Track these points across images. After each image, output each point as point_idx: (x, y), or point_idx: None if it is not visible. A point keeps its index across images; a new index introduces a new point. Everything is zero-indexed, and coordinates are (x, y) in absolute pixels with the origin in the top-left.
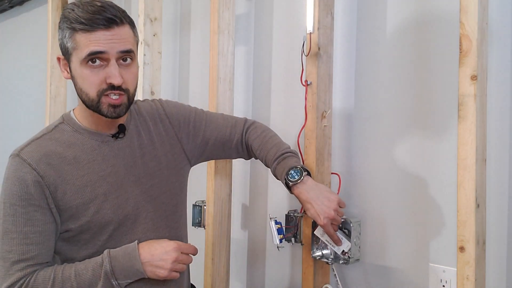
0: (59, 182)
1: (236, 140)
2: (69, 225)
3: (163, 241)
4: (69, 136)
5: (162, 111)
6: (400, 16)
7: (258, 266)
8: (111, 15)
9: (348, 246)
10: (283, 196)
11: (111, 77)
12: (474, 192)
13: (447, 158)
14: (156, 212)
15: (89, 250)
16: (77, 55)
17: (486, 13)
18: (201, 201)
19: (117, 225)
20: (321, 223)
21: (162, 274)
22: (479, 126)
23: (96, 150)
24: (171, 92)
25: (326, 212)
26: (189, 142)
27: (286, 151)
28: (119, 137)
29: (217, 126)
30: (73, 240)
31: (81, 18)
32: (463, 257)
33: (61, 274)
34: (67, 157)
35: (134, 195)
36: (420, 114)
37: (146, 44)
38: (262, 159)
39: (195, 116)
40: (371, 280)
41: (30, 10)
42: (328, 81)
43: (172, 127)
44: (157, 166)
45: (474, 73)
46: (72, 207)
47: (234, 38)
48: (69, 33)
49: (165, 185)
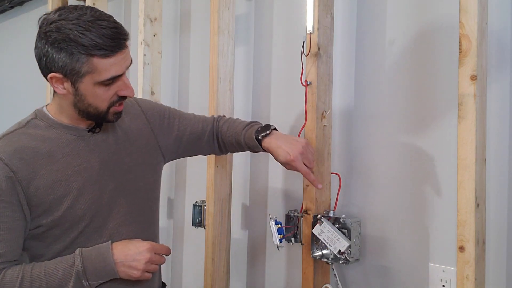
0: (32, 177)
1: (208, 133)
2: (40, 220)
3: (137, 241)
4: (43, 131)
5: (137, 107)
6: (400, 15)
7: (258, 266)
8: (124, 35)
9: (345, 245)
10: (283, 196)
11: (124, 90)
12: (474, 192)
13: (447, 158)
14: (130, 207)
15: (59, 247)
16: (92, 78)
17: (485, 13)
18: (201, 201)
19: (89, 221)
20: (291, 158)
21: (135, 274)
22: (479, 126)
23: (71, 145)
24: (171, 92)
25: (295, 149)
26: (164, 138)
27: (253, 122)
28: (95, 131)
29: (190, 122)
30: (43, 236)
31: (100, 45)
32: (463, 257)
33: (30, 273)
34: (41, 151)
35: (108, 190)
36: (420, 114)
37: (146, 44)
38: (231, 137)
39: (169, 113)
40: (371, 280)
41: (30, 10)
42: (328, 81)
43: (148, 123)
44: (132, 161)
45: (473, 73)
46: (45, 202)
47: (234, 38)
48: (83, 57)
49: (140, 180)
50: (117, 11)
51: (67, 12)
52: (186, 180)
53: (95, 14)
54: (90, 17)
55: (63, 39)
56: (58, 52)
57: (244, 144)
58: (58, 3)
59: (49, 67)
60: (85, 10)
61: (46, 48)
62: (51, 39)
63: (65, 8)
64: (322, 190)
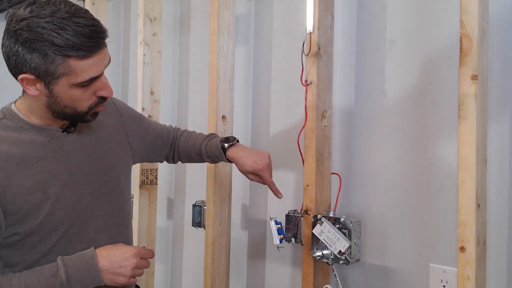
0: (7, 183)
1: (170, 140)
2: (17, 228)
3: (121, 246)
4: (14, 133)
5: (112, 105)
6: (400, 15)
7: (258, 266)
8: (103, 33)
9: (345, 246)
10: (283, 196)
11: (103, 90)
12: (475, 192)
13: (448, 158)
14: (108, 210)
15: (37, 254)
16: (69, 79)
17: (486, 13)
18: (201, 201)
19: (68, 226)
20: (259, 167)
21: (122, 281)
22: (480, 126)
23: (46, 147)
24: (171, 92)
25: (263, 160)
26: (134, 139)
27: (214, 134)
28: (70, 131)
29: (156, 127)
30: (19, 244)
31: (77, 45)
32: (464, 257)
33: (9, 286)
34: (14, 156)
35: (86, 194)
36: (421, 113)
37: (146, 44)
38: (189, 146)
39: (139, 116)
40: (372, 280)
41: None
42: (328, 80)
43: (122, 122)
44: (109, 162)
45: (474, 72)
46: (22, 209)
47: (234, 38)
48: (59, 58)
49: (116, 182)
50: (117, 11)
51: (39, 8)
52: (186, 180)
53: (70, 9)
54: (65, 14)
55: (36, 39)
56: (30, 53)
57: (204, 154)
58: None
59: (19, 68)
60: (59, 5)
61: (16, 48)
62: (22, 38)
63: (36, 2)
64: (322, 190)
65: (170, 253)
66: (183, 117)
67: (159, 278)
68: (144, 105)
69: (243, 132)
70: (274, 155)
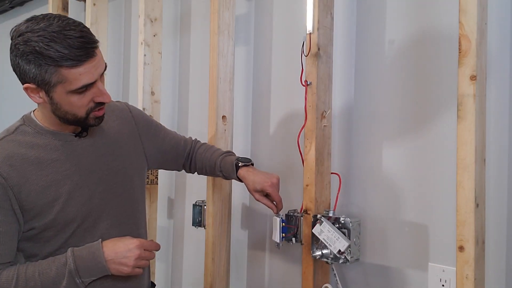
0: (22, 182)
1: (187, 151)
2: (33, 223)
3: (126, 238)
4: (31, 137)
5: (128, 112)
6: (399, 16)
7: (258, 266)
8: (93, 44)
9: (345, 245)
10: (283, 196)
11: (100, 96)
12: (474, 192)
13: (447, 158)
14: (119, 209)
15: (53, 247)
16: (64, 87)
17: (485, 13)
18: (201, 201)
19: (80, 222)
20: (268, 184)
21: (126, 271)
22: (479, 126)
23: (59, 150)
24: (171, 92)
25: (271, 178)
26: (149, 146)
27: (231, 152)
28: (82, 136)
29: (174, 137)
30: (36, 238)
31: (66, 56)
32: (463, 257)
33: (25, 273)
34: (30, 158)
35: (97, 193)
36: (420, 114)
37: (146, 44)
38: (205, 159)
39: (156, 124)
40: (371, 279)
41: (31, 10)
42: (328, 81)
43: (137, 129)
44: (121, 164)
45: (473, 73)
46: (37, 206)
47: (234, 39)
48: (51, 68)
49: (128, 183)
50: (117, 11)
51: (34, 23)
52: (186, 180)
53: (62, 24)
54: (57, 27)
55: (30, 52)
56: (27, 64)
57: (218, 168)
58: (58, 3)
59: (23, 78)
60: (52, 20)
61: (17, 61)
62: (20, 52)
63: (33, 18)
64: (322, 190)
65: (171, 252)
66: (183, 117)
67: (160, 277)
68: (145, 105)
69: (243, 132)
70: (274, 155)
